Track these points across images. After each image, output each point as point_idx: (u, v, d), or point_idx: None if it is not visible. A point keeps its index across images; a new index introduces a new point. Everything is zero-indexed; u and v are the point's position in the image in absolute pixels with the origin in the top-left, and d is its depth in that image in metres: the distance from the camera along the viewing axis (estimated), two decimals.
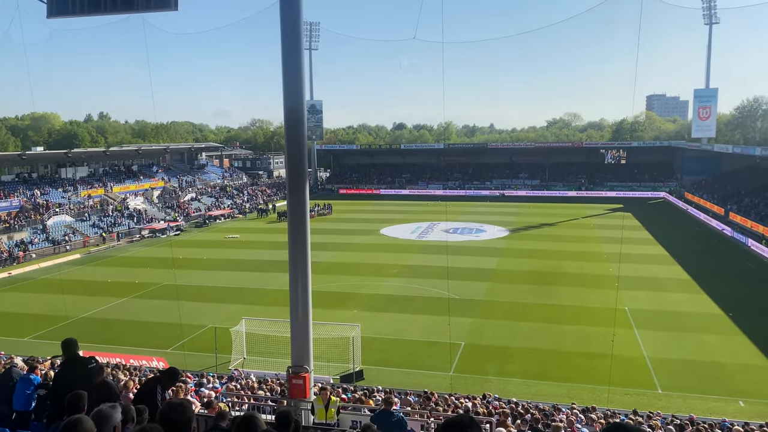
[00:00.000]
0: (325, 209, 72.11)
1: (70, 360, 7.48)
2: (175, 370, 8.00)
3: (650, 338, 26.72)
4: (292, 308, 11.34)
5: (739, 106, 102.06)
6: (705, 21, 79.84)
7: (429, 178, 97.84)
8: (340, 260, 44.53)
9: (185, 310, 29.36)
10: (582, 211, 70.23)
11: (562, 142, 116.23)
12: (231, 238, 57.00)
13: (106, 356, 24.47)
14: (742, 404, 20.32)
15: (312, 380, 11.51)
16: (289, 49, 10.69)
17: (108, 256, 50.09)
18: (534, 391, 21.50)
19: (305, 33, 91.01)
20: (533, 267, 41.28)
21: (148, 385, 7.70)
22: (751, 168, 67.24)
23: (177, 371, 8.01)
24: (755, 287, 35.83)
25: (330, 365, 23.10)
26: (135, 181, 74.64)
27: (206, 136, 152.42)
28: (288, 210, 11.43)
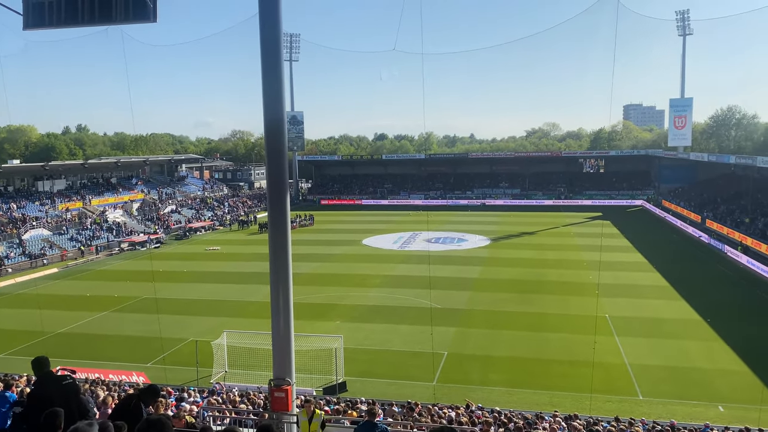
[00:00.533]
0: (306, 220, 71.89)
1: (45, 377, 7.35)
2: (155, 386, 7.89)
3: (631, 345, 26.96)
4: (273, 320, 11.25)
5: (713, 115, 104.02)
6: (679, 32, 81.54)
7: (410, 188, 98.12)
8: (323, 271, 44.38)
9: (165, 323, 29.01)
10: (562, 220, 70.87)
11: (541, 151, 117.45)
12: (212, 250, 56.53)
13: (84, 372, 24.03)
14: (722, 409, 20.55)
15: (294, 393, 11.41)
16: (268, 61, 10.68)
17: (86, 270, 49.37)
18: (517, 400, 21.55)
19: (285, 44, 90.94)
20: (514, 275, 41.50)
21: (127, 402, 7.58)
22: (727, 176, 68.45)
23: (157, 388, 7.90)
24: (732, 293, 36.37)
25: (313, 377, 22.95)
26: (114, 193, 73.81)
27: (186, 148, 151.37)
28: (269, 221, 11.37)
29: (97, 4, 10.18)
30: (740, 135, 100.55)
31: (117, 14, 10.27)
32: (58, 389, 6.90)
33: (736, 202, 58.99)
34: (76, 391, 7.14)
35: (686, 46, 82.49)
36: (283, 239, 11.12)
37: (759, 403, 19.41)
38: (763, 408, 19.08)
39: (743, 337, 27.58)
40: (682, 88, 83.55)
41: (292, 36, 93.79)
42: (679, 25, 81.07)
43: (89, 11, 10.27)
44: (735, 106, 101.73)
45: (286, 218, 11.20)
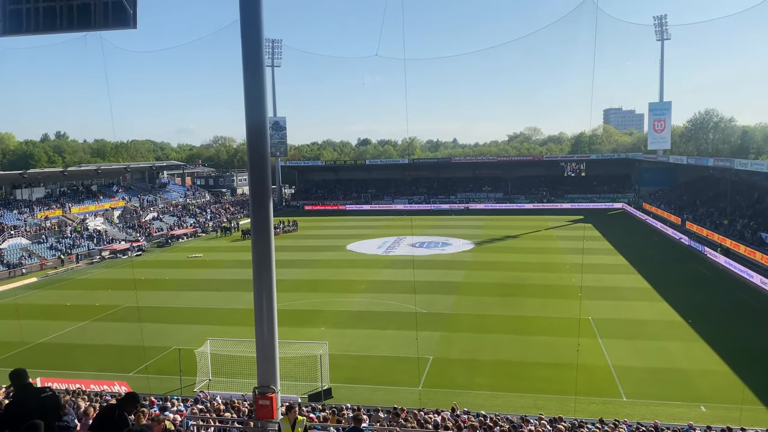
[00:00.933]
0: (290, 226, 71.62)
1: (23, 389, 7.23)
2: (134, 394, 7.80)
3: (614, 347, 27.17)
4: (257, 328, 11.18)
5: (691, 119, 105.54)
6: (657, 37, 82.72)
7: (394, 193, 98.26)
8: (307, 277, 44.22)
9: (148, 332, 28.72)
10: (544, 223, 71.37)
11: (523, 156, 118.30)
12: (194, 257, 56.07)
13: (65, 382, 23.68)
14: (704, 409, 20.77)
15: (279, 400, 11.34)
16: (250, 66, 10.65)
17: (66, 279, 48.71)
18: (502, 403, 21.60)
19: (267, 50, 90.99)
20: (498, 279, 41.68)
21: (110, 412, 7.48)
22: (705, 178, 69.43)
23: (136, 395, 7.81)
24: (712, 294, 36.84)
25: (298, 384, 22.81)
26: (94, 201, 72.98)
27: (168, 155, 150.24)
28: (252, 228, 11.31)
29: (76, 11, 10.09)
30: (718, 138, 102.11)
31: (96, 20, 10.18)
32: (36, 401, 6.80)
33: (715, 204, 59.84)
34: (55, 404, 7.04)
35: (664, 50, 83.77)
36: (266, 246, 11.07)
37: (740, 402, 19.66)
38: (744, 407, 19.34)
39: (724, 337, 27.95)
40: (660, 92, 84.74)
41: (273, 41, 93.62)
42: (657, 30, 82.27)
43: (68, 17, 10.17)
44: (712, 110, 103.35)
45: (269, 225, 11.15)
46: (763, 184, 57.81)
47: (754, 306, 34.03)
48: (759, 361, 25.03)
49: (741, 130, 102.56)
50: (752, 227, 48.43)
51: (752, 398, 21.24)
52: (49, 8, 10.08)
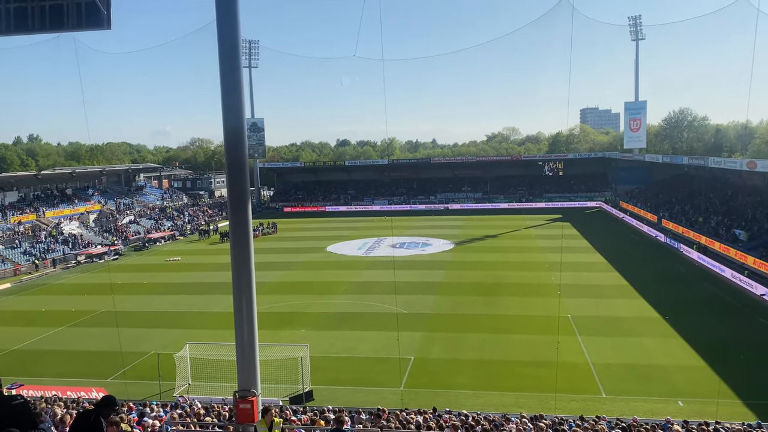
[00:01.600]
0: (269, 228, 71.22)
1: None
2: (110, 397, 7.68)
3: (593, 344, 27.45)
4: (237, 331, 11.08)
5: (666, 118, 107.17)
6: (632, 37, 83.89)
7: (374, 194, 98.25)
8: (287, 279, 44.01)
9: (126, 337, 28.32)
10: (523, 222, 71.92)
11: (501, 156, 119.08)
12: (172, 260, 55.47)
13: (41, 389, 23.27)
14: (681, 404, 21.07)
15: (260, 404, 11.25)
16: (227, 67, 10.55)
17: (41, 284, 47.86)
18: (483, 402, 21.70)
19: (244, 51, 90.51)
20: (478, 279, 41.88)
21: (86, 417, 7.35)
22: (680, 176, 70.57)
23: (113, 399, 7.69)
24: (688, 290, 37.42)
25: (279, 387, 22.67)
26: (69, 205, 71.81)
27: (144, 157, 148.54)
28: (230, 230, 11.21)
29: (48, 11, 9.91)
30: (692, 136, 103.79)
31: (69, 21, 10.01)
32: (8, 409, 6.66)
33: (690, 201, 60.84)
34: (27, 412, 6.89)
35: (639, 50, 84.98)
36: (245, 248, 10.98)
37: (716, 396, 19.96)
38: (720, 401, 19.65)
39: (700, 332, 28.41)
40: (636, 91, 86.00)
41: (251, 42, 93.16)
42: (632, 30, 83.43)
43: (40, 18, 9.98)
44: (686, 109, 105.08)
45: (247, 227, 11.06)
46: (736, 181, 58.94)
47: (728, 301, 34.64)
48: (734, 356, 25.47)
49: (714, 128, 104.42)
50: (726, 224, 49.32)
51: (728, 392, 21.60)
52: (20, 9, 9.88)
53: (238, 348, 11.10)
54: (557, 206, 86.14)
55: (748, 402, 21.01)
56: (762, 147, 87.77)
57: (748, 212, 49.44)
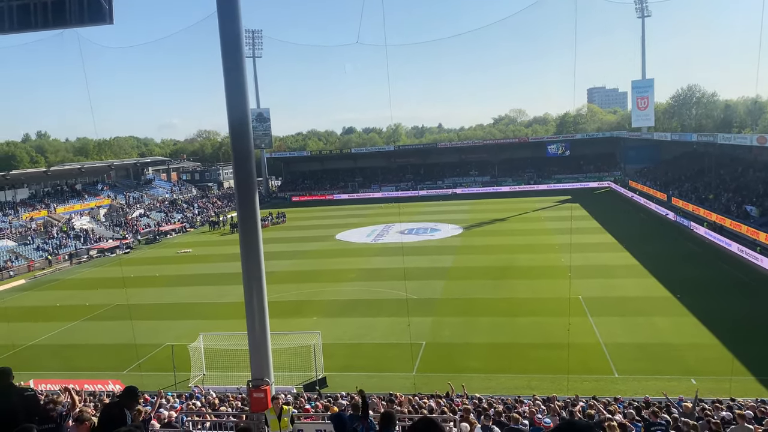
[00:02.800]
0: (278, 218, 71.42)
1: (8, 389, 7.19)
2: (132, 388, 7.77)
3: (604, 324, 27.45)
4: (248, 320, 11.18)
5: (674, 95, 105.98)
6: (638, 14, 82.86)
7: (381, 181, 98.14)
8: (297, 268, 44.20)
9: (140, 329, 28.62)
10: (532, 205, 71.69)
11: (508, 138, 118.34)
12: (183, 252, 55.82)
13: (57, 383, 23.58)
14: (694, 382, 21.06)
15: (273, 392, 11.37)
16: (230, 59, 10.55)
17: (55, 280, 48.34)
18: (496, 385, 21.80)
19: (247, 41, 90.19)
20: (488, 262, 41.88)
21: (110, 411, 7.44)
22: (689, 154, 69.97)
23: (135, 390, 7.77)
24: (699, 268, 37.25)
25: (292, 375, 22.88)
26: (79, 200, 72.30)
27: (152, 150, 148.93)
28: (239, 221, 11.27)
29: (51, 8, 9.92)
30: (701, 113, 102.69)
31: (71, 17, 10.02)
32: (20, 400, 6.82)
33: (700, 179, 60.36)
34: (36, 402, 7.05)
35: (645, 27, 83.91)
36: (254, 239, 11.05)
37: (729, 374, 19.94)
38: (733, 378, 19.63)
39: (711, 310, 28.32)
40: (643, 69, 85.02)
41: (254, 32, 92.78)
42: (638, 8, 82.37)
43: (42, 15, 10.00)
44: (695, 85, 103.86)
45: (256, 218, 11.11)
46: (746, 157, 58.34)
47: (741, 279, 34.47)
48: (746, 333, 25.40)
49: (723, 104, 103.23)
50: (737, 200, 48.94)
51: (741, 369, 21.56)
52: (23, 6, 9.90)
53: (250, 337, 11.20)
54: (566, 187, 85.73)
55: (761, 378, 20.96)
56: None
57: (759, 188, 48.99)
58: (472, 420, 11.90)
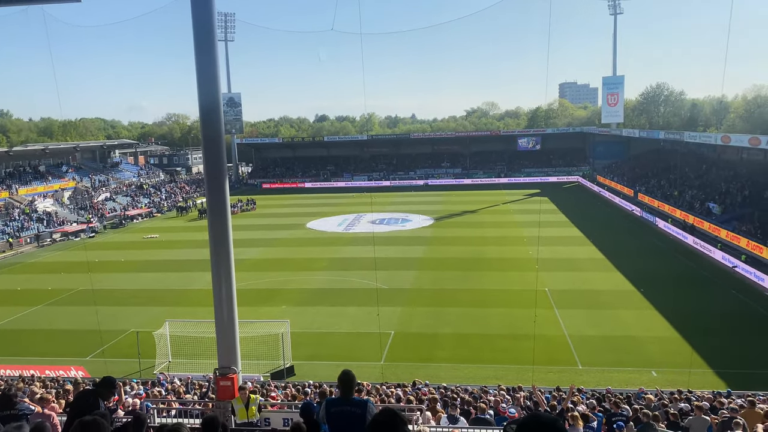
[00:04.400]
0: (248, 205, 70.72)
1: None
2: (110, 379, 7.57)
3: (570, 317, 27.93)
4: (216, 308, 11.06)
5: (643, 92, 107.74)
6: (610, 11, 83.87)
7: (353, 170, 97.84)
8: (267, 256, 43.90)
9: (104, 315, 28.14)
10: (502, 198, 72.37)
11: (481, 131, 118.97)
12: (150, 238, 54.94)
13: (18, 368, 23.09)
14: (655, 374, 21.61)
15: (240, 380, 11.29)
16: (201, 42, 10.35)
17: (16, 263, 47.14)
18: (462, 375, 22.03)
19: (220, 24, 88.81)
20: (457, 254, 42.18)
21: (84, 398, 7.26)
22: (656, 150, 71.37)
23: (112, 380, 7.57)
24: (663, 263, 38.11)
25: (260, 363, 22.76)
26: (43, 182, 70.47)
27: (119, 133, 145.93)
28: (208, 207, 11.11)
29: None
30: (668, 111, 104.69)
31: None
32: None
33: (666, 175, 61.63)
34: None
35: (617, 24, 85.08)
36: (223, 225, 10.91)
37: (689, 366, 20.50)
38: (692, 371, 20.18)
39: (673, 304, 29.04)
40: (614, 66, 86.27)
41: (226, 15, 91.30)
42: (611, 5, 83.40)
43: None
44: (663, 83, 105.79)
45: (225, 204, 10.97)
46: (710, 155, 59.79)
47: (702, 274, 35.38)
48: (705, 327, 26.12)
49: (690, 103, 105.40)
50: (701, 198, 50.14)
51: (700, 362, 22.18)
52: None
53: (217, 325, 11.09)
54: (535, 181, 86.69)
55: (718, 371, 21.62)
56: (736, 122, 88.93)
57: (721, 186, 50.28)
58: (439, 409, 12.00)
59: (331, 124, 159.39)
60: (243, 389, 10.71)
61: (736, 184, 48.77)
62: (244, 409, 10.29)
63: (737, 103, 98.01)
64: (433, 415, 11.74)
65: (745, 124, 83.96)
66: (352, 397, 6.08)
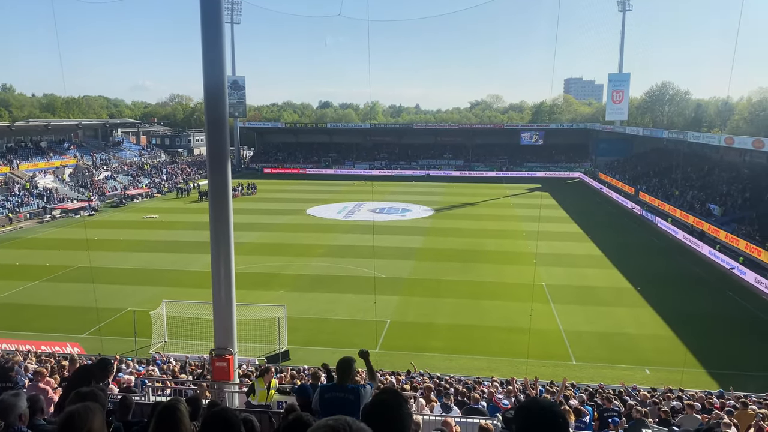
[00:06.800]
0: (249, 189, 70.69)
1: None
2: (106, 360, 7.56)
3: (566, 312, 28.02)
4: (214, 290, 11.09)
5: (648, 91, 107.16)
6: (619, 8, 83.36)
7: (355, 158, 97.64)
8: (266, 241, 43.93)
9: (101, 293, 28.20)
10: (502, 191, 72.31)
11: (484, 123, 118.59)
12: (150, 218, 54.96)
13: (14, 343, 23.18)
14: (648, 372, 21.73)
15: (236, 362, 11.34)
16: (209, 23, 10.30)
17: (15, 238, 47.17)
18: (457, 365, 22.14)
19: (226, 6, 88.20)
20: (456, 245, 42.22)
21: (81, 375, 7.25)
22: (659, 150, 71.23)
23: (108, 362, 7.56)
24: (661, 262, 38.17)
25: (255, 346, 22.86)
26: (44, 158, 70.35)
27: (122, 112, 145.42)
28: (209, 190, 11.11)
29: None
30: (673, 110, 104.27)
31: None
32: None
33: (668, 175, 61.57)
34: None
35: (626, 21, 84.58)
36: (224, 208, 10.92)
37: (682, 365, 20.59)
38: (685, 370, 20.28)
39: (669, 303, 29.13)
40: (620, 63, 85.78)
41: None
42: (620, 1, 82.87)
43: None
44: (669, 83, 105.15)
45: (227, 187, 10.97)
46: (713, 156, 59.70)
47: (699, 274, 35.45)
48: (700, 327, 26.23)
49: (695, 103, 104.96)
50: (701, 198, 50.11)
51: (693, 362, 22.30)
52: None
53: (215, 307, 11.13)
54: (537, 176, 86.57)
55: (711, 371, 21.74)
56: (741, 123, 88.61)
57: (723, 187, 50.24)
58: (433, 398, 12.07)
59: (335, 111, 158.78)
60: (268, 372, 10.69)
61: (738, 186, 48.73)
62: (265, 392, 10.29)
63: (742, 105, 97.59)
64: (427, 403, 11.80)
65: (750, 127, 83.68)
66: (347, 384, 6.09)
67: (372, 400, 3.00)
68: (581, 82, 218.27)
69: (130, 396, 7.45)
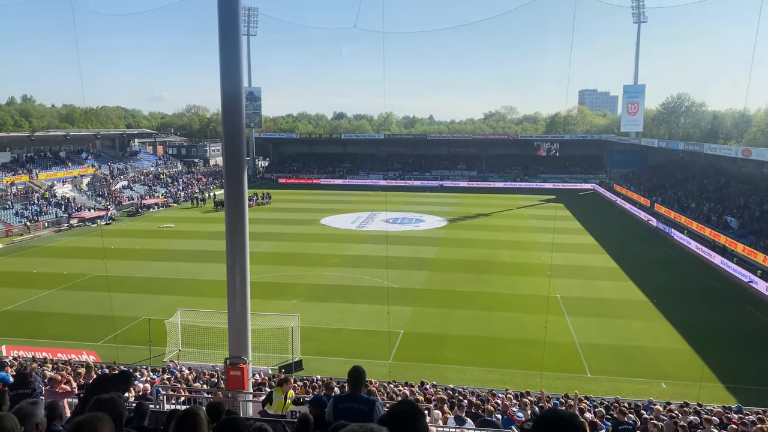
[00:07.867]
0: (264, 199, 71.09)
1: None
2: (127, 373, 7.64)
3: (580, 324, 27.78)
4: (229, 298, 11.16)
5: (664, 102, 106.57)
6: (634, 20, 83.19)
7: (369, 169, 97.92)
8: (280, 250, 44.09)
9: (117, 301, 28.42)
10: (517, 202, 72.06)
11: (498, 134, 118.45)
12: (166, 227, 55.42)
13: (31, 350, 23.42)
14: (664, 386, 21.45)
15: (250, 371, 11.39)
16: (226, 35, 10.45)
17: (33, 246, 47.78)
18: (470, 377, 22.01)
19: (243, 18, 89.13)
20: (470, 256, 42.09)
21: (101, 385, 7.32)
22: (675, 161, 70.68)
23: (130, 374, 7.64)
24: (677, 275, 37.76)
25: (269, 356, 22.90)
26: (63, 167, 71.33)
27: (139, 122, 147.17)
28: (225, 199, 11.22)
29: None
30: (689, 122, 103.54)
31: None
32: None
33: (683, 187, 61.04)
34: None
35: (641, 33, 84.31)
36: (240, 218, 11.01)
37: (699, 380, 20.31)
38: (702, 384, 20.00)
39: (686, 317, 28.78)
40: (635, 74, 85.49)
41: (249, 9, 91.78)
42: (635, 13, 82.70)
43: None
44: (685, 94, 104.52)
45: (243, 196, 11.07)
46: (730, 168, 59.09)
47: (716, 287, 35.02)
48: (718, 340, 25.87)
49: (711, 115, 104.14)
50: (718, 210, 49.59)
51: (710, 376, 21.98)
52: None
53: (230, 316, 11.20)
54: (551, 187, 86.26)
55: (729, 386, 21.41)
56: (758, 135, 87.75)
57: (740, 200, 49.69)
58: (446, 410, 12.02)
59: (349, 121, 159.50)
60: (287, 382, 10.72)
61: (755, 199, 48.18)
62: (282, 401, 10.31)
63: (760, 117, 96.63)
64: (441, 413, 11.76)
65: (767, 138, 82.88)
66: (360, 395, 6.11)
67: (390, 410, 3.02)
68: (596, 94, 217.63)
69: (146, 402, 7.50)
